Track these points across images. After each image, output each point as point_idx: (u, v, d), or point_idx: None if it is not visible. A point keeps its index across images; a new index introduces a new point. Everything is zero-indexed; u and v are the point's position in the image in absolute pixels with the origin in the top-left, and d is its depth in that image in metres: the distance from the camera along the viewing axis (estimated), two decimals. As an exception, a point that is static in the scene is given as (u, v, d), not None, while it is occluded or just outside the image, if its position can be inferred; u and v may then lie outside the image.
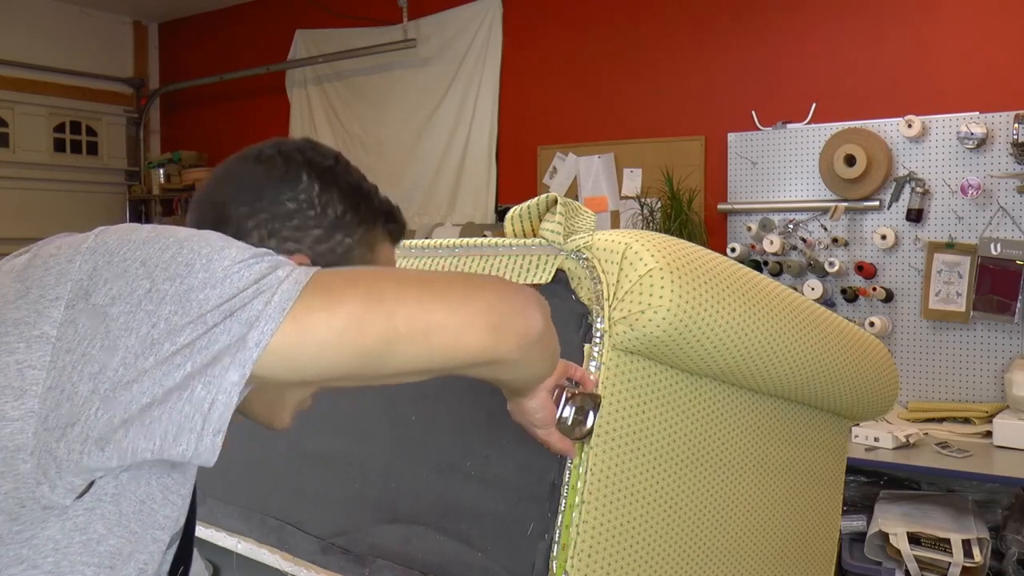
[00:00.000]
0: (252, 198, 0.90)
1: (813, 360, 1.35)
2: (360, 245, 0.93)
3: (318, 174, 0.92)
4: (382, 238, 0.97)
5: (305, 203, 0.90)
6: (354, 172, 0.97)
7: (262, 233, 0.89)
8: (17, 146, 5.46)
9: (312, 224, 0.90)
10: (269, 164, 0.92)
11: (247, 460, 1.61)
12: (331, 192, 0.92)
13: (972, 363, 3.13)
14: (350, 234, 0.92)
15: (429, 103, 4.63)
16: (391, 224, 0.99)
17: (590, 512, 1.12)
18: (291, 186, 0.90)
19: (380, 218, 0.97)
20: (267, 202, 0.89)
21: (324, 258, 0.90)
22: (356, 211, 0.93)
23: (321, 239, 0.90)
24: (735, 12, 3.73)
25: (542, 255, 1.23)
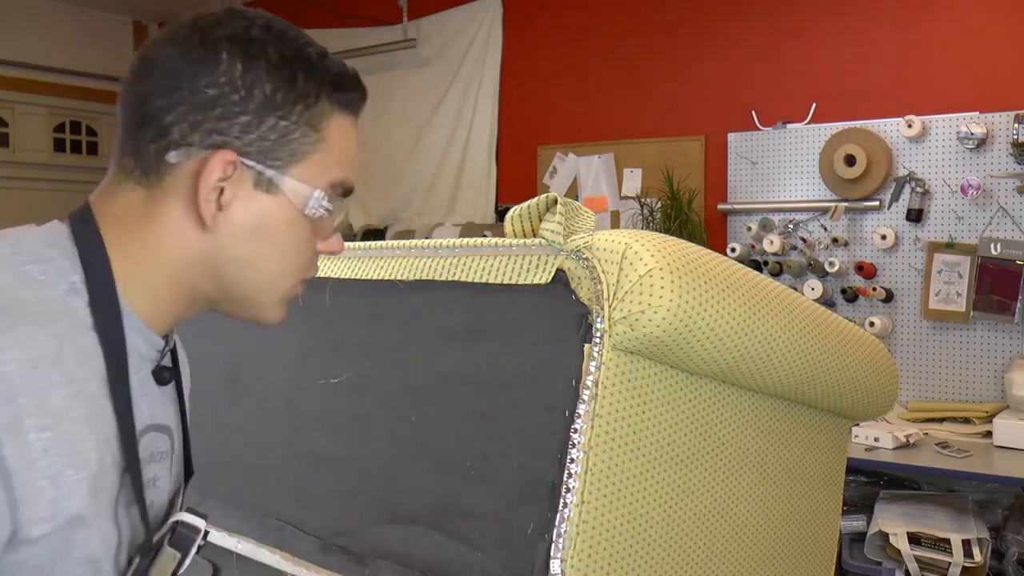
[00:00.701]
0: (168, 87, 0.79)
1: (813, 360, 1.35)
2: (300, 125, 0.82)
3: (241, 49, 0.80)
4: (331, 112, 0.84)
5: (227, 86, 0.79)
6: (289, 38, 0.83)
7: (183, 128, 0.79)
8: (17, 146, 5.46)
9: (237, 111, 0.79)
10: (185, 45, 0.80)
11: (247, 460, 1.61)
12: (256, 68, 0.80)
13: (972, 363, 3.13)
14: (285, 115, 0.81)
15: (429, 103, 4.63)
16: (341, 93, 0.86)
17: (590, 512, 1.12)
18: (210, 68, 0.79)
19: (325, 89, 0.84)
20: (185, 91, 0.79)
21: (256, 147, 0.80)
22: (290, 86, 0.81)
23: (250, 126, 0.80)
24: (735, 12, 3.73)
25: (542, 255, 1.23)
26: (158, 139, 0.79)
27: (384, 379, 1.43)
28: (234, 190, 0.80)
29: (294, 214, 0.83)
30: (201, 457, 1.69)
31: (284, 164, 0.82)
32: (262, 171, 0.81)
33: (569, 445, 1.13)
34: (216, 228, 0.81)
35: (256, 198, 0.81)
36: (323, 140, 0.83)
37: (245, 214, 0.81)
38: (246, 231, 0.82)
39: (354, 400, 1.45)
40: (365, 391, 1.45)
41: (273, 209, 0.82)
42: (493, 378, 1.27)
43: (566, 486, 1.12)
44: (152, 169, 0.80)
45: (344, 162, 0.86)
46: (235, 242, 0.82)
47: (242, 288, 0.85)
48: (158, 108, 0.79)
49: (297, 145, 0.82)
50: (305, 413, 1.53)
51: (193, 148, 0.79)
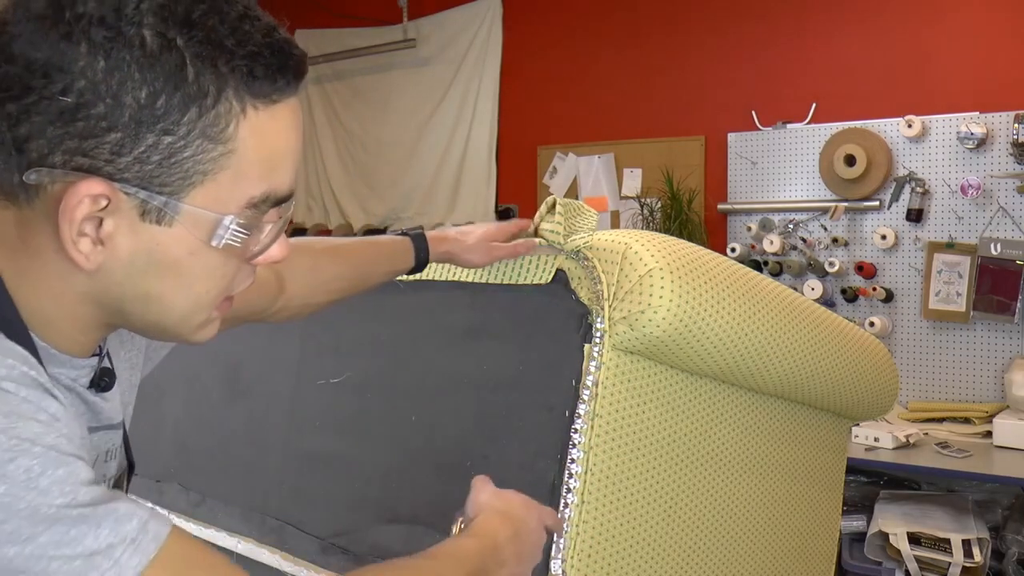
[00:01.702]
0: (19, 89, 0.59)
1: (813, 360, 1.35)
2: (194, 139, 0.60)
3: (108, 34, 0.58)
4: (243, 111, 0.62)
5: (88, 92, 0.58)
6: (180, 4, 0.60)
7: (40, 145, 0.59)
8: (17, 146, 5.46)
9: (104, 125, 0.58)
10: (37, 25, 0.58)
11: (247, 460, 1.61)
12: (123, 64, 0.58)
13: (972, 363, 3.13)
14: (169, 128, 0.59)
15: (429, 103, 4.63)
16: (260, 81, 0.62)
17: (590, 512, 1.12)
18: (66, 65, 0.58)
19: (232, 80, 0.61)
20: (37, 95, 0.58)
21: (135, 171, 0.60)
22: (175, 85, 0.59)
23: (121, 147, 0.59)
24: (735, 12, 3.73)
25: (542, 255, 1.23)
26: (14, 157, 0.60)
27: (384, 379, 1.43)
28: (116, 222, 0.62)
29: (198, 245, 0.64)
30: (201, 457, 1.69)
31: (177, 189, 0.62)
32: (147, 199, 0.61)
33: (569, 445, 1.13)
34: (99, 267, 0.63)
35: (145, 230, 0.62)
36: (231, 152, 0.62)
37: (133, 250, 0.63)
38: (138, 267, 0.64)
39: (354, 400, 1.45)
40: (365, 391, 1.45)
41: (169, 242, 0.63)
42: (493, 378, 1.27)
43: (566, 486, 1.12)
44: (17, 188, 0.62)
45: (269, 169, 0.65)
46: (127, 279, 0.64)
47: (150, 324, 0.69)
48: (8, 115, 0.60)
49: (192, 165, 0.61)
50: (305, 413, 1.53)
51: (56, 171, 0.60)
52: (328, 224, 4.98)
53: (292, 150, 0.67)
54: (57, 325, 0.67)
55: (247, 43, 0.61)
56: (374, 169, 4.84)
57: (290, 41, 0.65)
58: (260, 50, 0.62)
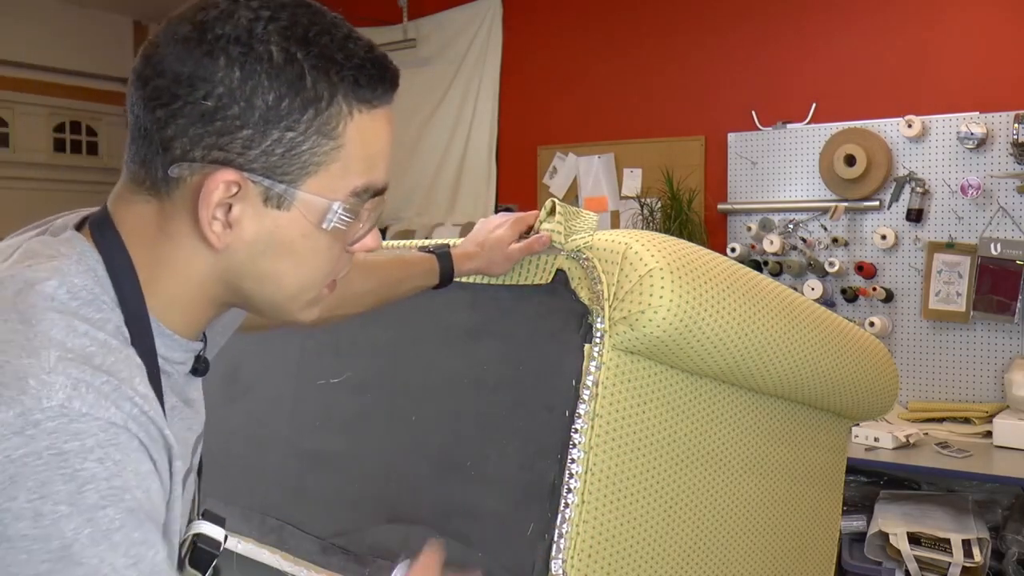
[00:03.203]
0: (167, 97, 0.71)
1: (813, 360, 1.35)
2: (311, 135, 0.72)
3: (241, 51, 0.70)
4: (350, 113, 0.74)
5: (225, 97, 0.70)
6: (301, 28, 0.72)
7: (183, 142, 0.71)
8: (17, 146, 5.46)
9: (238, 124, 0.70)
10: (183, 47, 0.71)
11: (247, 460, 1.61)
12: (257, 74, 0.70)
13: (972, 363, 3.13)
14: (291, 125, 0.71)
15: (429, 103, 4.63)
16: (364, 89, 0.74)
17: (590, 512, 1.12)
18: (207, 76, 0.70)
19: (342, 87, 0.73)
20: (183, 101, 0.70)
21: (262, 163, 0.71)
22: (296, 91, 0.71)
23: (252, 141, 0.71)
24: (735, 12, 3.73)
25: (542, 255, 1.23)
26: (162, 152, 0.72)
27: (384, 379, 1.43)
28: (243, 207, 0.73)
29: (310, 228, 0.75)
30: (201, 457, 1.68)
31: (295, 178, 0.73)
32: (270, 187, 0.72)
33: (569, 445, 1.13)
34: (226, 247, 0.74)
35: (267, 214, 0.73)
36: (341, 147, 0.74)
37: (257, 231, 0.74)
38: (259, 248, 0.75)
39: (354, 400, 1.45)
40: (365, 391, 1.45)
41: (287, 225, 0.74)
42: (493, 378, 1.27)
43: (567, 486, 1.12)
44: (160, 182, 0.73)
45: (370, 165, 0.76)
46: (249, 259, 0.75)
47: (264, 301, 0.79)
48: (158, 119, 0.72)
49: (309, 157, 0.72)
50: (305, 413, 1.53)
51: (196, 164, 0.71)
52: (328, 224, 4.98)
53: (387, 149, 0.78)
54: (180, 306, 0.77)
55: (353, 58, 0.73)
56: (374, 169, 4.83)
57: (387, 57, 0.77)
58: (363, 63, 0.74)
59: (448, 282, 1.26)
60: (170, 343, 0.77)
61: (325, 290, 0.81)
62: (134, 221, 0.76)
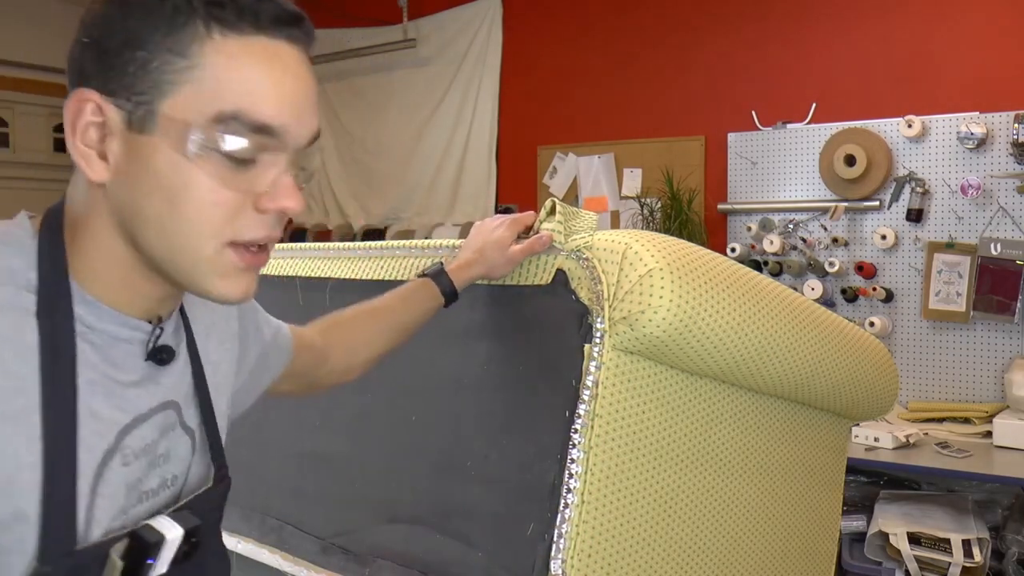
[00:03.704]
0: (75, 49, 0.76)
1: (813, 360, 1.35)
2: (162, 52, 0.71)
3: None
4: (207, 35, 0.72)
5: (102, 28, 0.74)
6: None
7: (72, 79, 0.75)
8: (17, 146, 5.46)
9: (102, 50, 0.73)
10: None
11: (247, 461, 1.61)
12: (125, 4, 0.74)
13: (972, 363, 3.13)
14: (142, 45, 0.72)
15: (429, 103, 4.63)
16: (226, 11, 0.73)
17: (590, 512, 1.12)
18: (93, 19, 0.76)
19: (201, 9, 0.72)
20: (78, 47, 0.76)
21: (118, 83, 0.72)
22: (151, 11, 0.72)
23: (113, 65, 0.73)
24: (735, 12, 3.73)
25: (542, 255, 1.23)
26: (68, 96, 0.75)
27: (384, 379, 1.43)
28: (112, 136, 0.73)
29: (174, 156, 0.72)
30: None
31: (151, 98, 0.72)
32: (130, 109, 0.72)
33: (569, 445, 1.13)
34: (109, 184, 0.74)
35: (132, 140, 0.73)
36: (195, 67, 0.72)
37: (128, 161, 0.73)
38: (134, 182, 0.73)
39: (354, 400, 1.45)
40: (365, 391, 1.45)
41: (151, 152, 0.72)
42: (493, 378, 1.27)
43: (566, 486, 1.12)
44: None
45: (243, 92, 0.73)
46: (130, 198, 0.74)
47: (154, 250, 0.75)
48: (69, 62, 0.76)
49: (158, 75, 0.71)
50: (305, 413, 1.53)
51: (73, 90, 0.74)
52: (328, 224, 4.98)
53: (274, 83, 0.75)
54: (104, 275, 0.77)
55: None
56: (374, 169, 4.83)
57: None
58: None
59: (454, 298, 1.26)
60: (98, 312, 0.77)
61: (234, 255, 0.75)
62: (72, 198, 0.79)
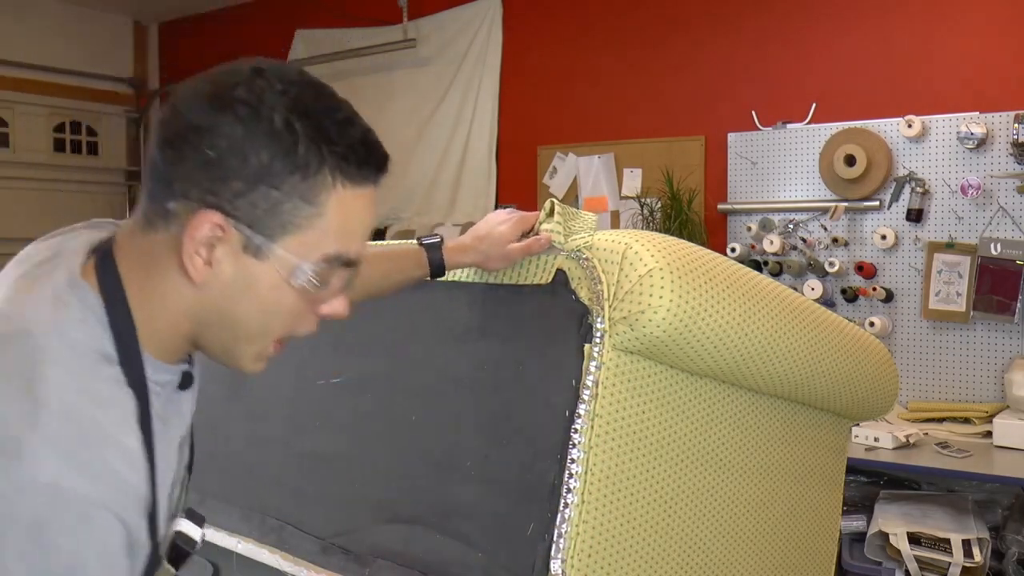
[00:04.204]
0: (179, 142, 0.80)
1: (813, 360, 1.35)
2: (291, 198, 0.80)
3: (248, 112, 0.79)
4: (334, 185, 0.81)
5: (226, 150, 0.79)
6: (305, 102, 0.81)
7: (184, 184, 0.80)
8: (17, 146, 5.46)
9: (231, 175, 0.79)
10: (201, 101, 0.81)
11: (247, 461, 1.61)
12: (257, 133, 0.79)
13: (972, 363, 3.13)
14: (277, 184, 0.79)
15: (429, 103, 4.63)
16: (351, 166, 0.82)
17: (590, 512, 1.12)
18: (215, 129, 0.79)
19: (330, 160, 0.81)
20: (190, 148, 0.79)
21: (246, 213, 0.80)
22: (288, 155, 0.79)
23: (240, 193, 0.79)
24: (736, 12, 3.73)
25: (542, 255, 1.23)
26: (164, 189, 0.81)
27: (384, 379, 1.43)
28: (224, 250, 0.81)
29: (280, 281, 0.83)
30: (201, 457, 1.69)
31: (274, 233, 0.81)
32: (250, 237, 0.81)
33: (569, 445, 1.13)
34: (204, 283, 0.82)
35: (244, 261, 0.82)
36: (320, 215, 0.81)
37: (233, 274, 0.82)
38: (232, 290, 0.83)
39: (354, 400, 1.45)
40: (365, 391, 1.45)
41: (259, 274, 0.82)
42: (493, 378, 1.27)
43: (566, 486, 1.12)
44: (159, 216, 0.83)
45: (346, 235, 0.84)
46: (221, 298, 0.83)
47: (222, 342, 0.87)
48: (167, 159, 0.81)
49: (288, 217, 0.80)
50: (305, 413, 1.53)
51: (191, 203, 0.80)
52: (328, 224, 4.98)
53: (366, 226, 0.86)
54: (162, 337, 0.86)
55: (346, 138, 0.82)
56: (374, 169, 4.83)
57: (379, 144, 0.86)
58: (355, 145, 0.83)
59: (440, 274, 1.25)
60: (156, 367, 0.86)
61: (274, 345, 0.89)
62: (134, 254, 0.85)
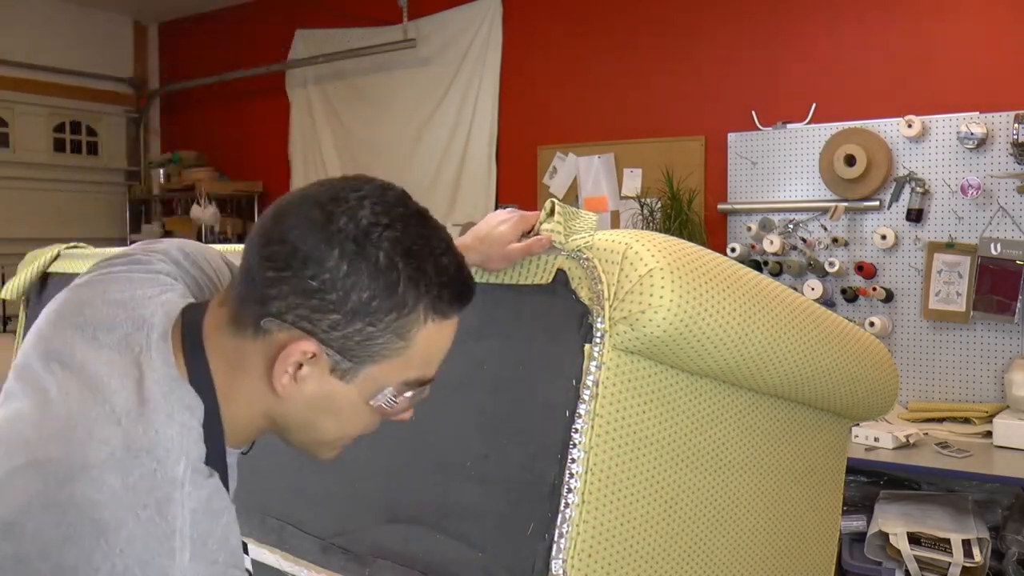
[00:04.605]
0: (281, 263, 0.83)
1: (813, 360, 1.35)
2: (385, 333, 0.84)
3: (355, 248, 0.82)
4: (425, 320, 0.86)
5: (328, 283, 0.81)
6: (408, 237, 0.84)
7: (280, 305, 0.83)
8: (17, 146, 5.46)
9: (331, 307, 0.82)
10: (308, 227, 0.83)
11: (247, 461, 1.60)
12: (359, 272, 0.81)
13: (972, 363, 3.13)
14: (374, 322, 0.83)
15: (429, 103, 4.63)
16: (443, 303, 0.87)
17: (590, 512, 1.12)
18: (319, 260, 0.81)
19: (425, 299, 0.85)
20: (293, 273, 0.82)
21: (338, 344, 0.84)
22: (389, 295, 0.82)
23: (337, 325, 0.83)
24: (735, 13, 3.73)
25: (542, 255, 1.23)
26: (260, 303, 0.84)
27: (384, 379, 1.42)
28: (311, 370, 0.85)
29: (360, 401, 0.89)
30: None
31: (362, 361, 0.86)
32: (339, 362, 0.85)
33: (570, 445, 1.13)
34: (287, 396, 0.87)
35: (329, 381, 0.87)
36: (408, 347, 0.86)
37: (316, 392, 0.87)
38: (313, 404, 0.88)
39: (354, 400, 1.45)
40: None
41: (342, 394, 0.88)
42: (493, 378, 1.27)
43: (567, 486, 1.12)
44: (250, 326, 0.86)
45: (426, 363, 0.90)
46: (302, 410, 0.89)
47: (299, 441, 0.94)
48: (267, 278, 0.83)
49: (380, 349, 0.85)
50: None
51: (286, 325, 0.84)
52: (328, 224, 4.98)
53: (444, 351, 0.92)
54: (237, 431, 0.91)
55: (443, 274, 0.86)
56: (374, 169, 4.83)
57: (470, 276, 0.91)
58: (450, 281, 0.87)
59: None
60: (230, 454, 0.93)
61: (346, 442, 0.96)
62: (221, 350, 0.89)
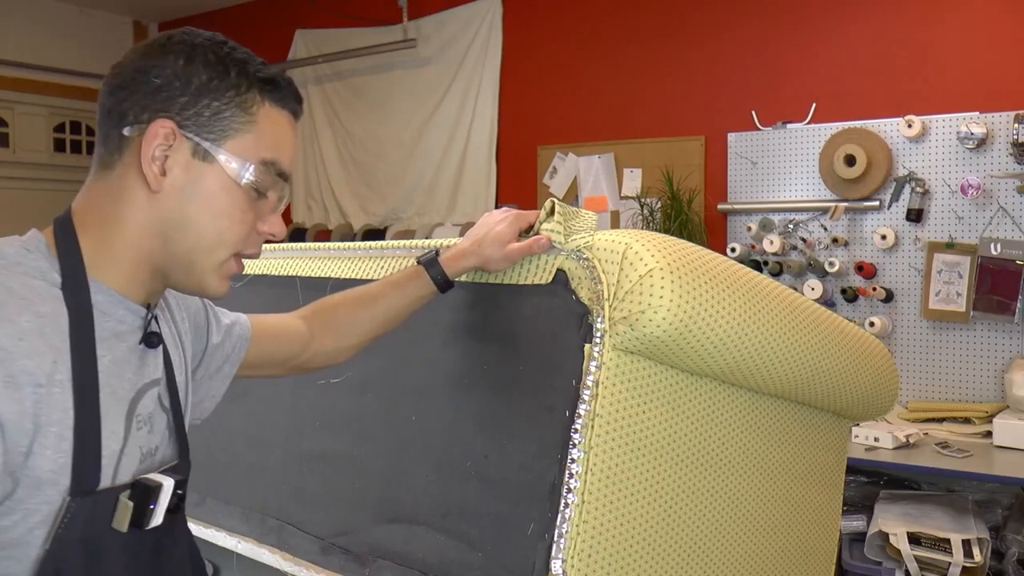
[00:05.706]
0: (128, 82, 0.96)
1: (813, 360, 1.35)
2: (230, 107, 0.96)
3: (186, 50, 0.96)
4: (262, 102, 0.99)
5: (171, 76, 0.95)
6: (229, 48, 0.99)
7: (136, 110, 0.94)
8: (17, 146, 5.46)
9: (177, 93, 0.95)
10: (145, 50, 0.97)
11: (247, 461, 1.61)
12: (195, 63, 0.96)
13: (972, 363, 3.13)
14: (218, 97, 0.96)
15: (429, 103, 4.62)
16: (272, 90, 1.00)
17: (590, 512, 1.12)
18: (159, 64, 0.95)
19: (256, 83, 0.99)
20: (140, 83, 0.95)
21: (193, 122, 0.95)
22: (223, 76, 0.96)
23: (187, 105, 0.95)
24: (735, 12, 3.73)
25: (542, 255, 1.23)
26: (119, 122, 0.95)
27: (384, 379, 1.43)
28: (175, 158, 0.94)
29: (228, 181, 0.96)
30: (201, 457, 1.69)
31: (218, 138, 0.96)
32: (198, 142, 0.95)
33: (569, 445, 1.13)
34: (161, 190, 0.94)
35: (194, 165, 0.95)
36: (254, 122, 0.98)
37: (185, 178, 0.95)
38: (186, 194, 0.95)
39: (354, 400, 1.45)
40: (365, 391, 1.45)
41: (208, 175, 0.96)
42: (493, 378, 1.27)
43: (567, 486, 1.12)
44: (115, 149, 0.96)
45: (276, 147, 1.00)
46: (177, 205, 0.95)
47: (182, 250, 0.97)
48: (119, 99, 0.95)
49: (228, 123, 0.96)
50: (305, 413, 1.53)
51: (143, 124, 0.94)
52: (328, 224, 4.98)
53: (290, 143, 1.02)
54: (119, 262, 0.95)
55: (263, 71, 1.00)
56: (374, 169, 4.83)
57: (289, 79, 1.03)
58: (272, 76, 1.01)
59: (448, 286, 1.27)
60: (111, 298, 0.95)
61: (233, 261, 1.00)
62: (88, 201, 0.97)
